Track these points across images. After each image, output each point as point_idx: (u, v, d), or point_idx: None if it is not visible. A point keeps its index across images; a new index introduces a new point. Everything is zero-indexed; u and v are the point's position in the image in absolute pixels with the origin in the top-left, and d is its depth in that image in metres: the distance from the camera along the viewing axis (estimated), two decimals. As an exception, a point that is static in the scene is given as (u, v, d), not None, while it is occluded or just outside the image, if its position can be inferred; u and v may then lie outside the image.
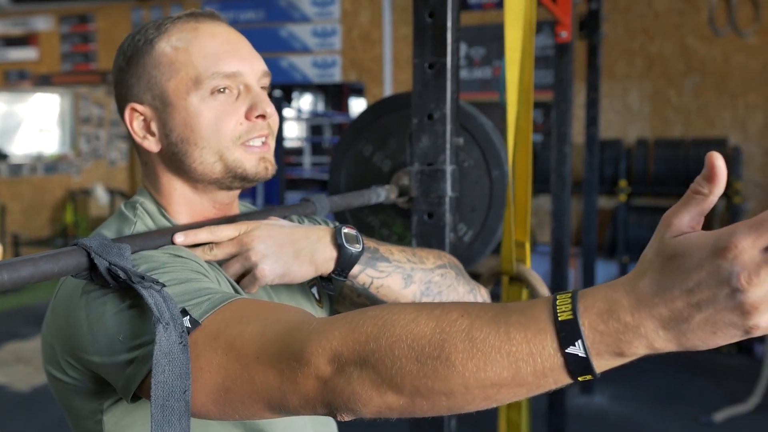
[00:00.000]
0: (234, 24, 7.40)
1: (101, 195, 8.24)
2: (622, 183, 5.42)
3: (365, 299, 1.09)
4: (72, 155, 8.75)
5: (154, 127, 0.95)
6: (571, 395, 4.03)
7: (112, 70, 0.99)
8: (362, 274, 1.00)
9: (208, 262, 0.93)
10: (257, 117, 0.95)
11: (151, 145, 0.96)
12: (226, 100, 0.94)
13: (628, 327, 0.56)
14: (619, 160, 5.49)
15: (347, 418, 0.66)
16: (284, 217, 1.13)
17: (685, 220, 0.57)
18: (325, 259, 0.96)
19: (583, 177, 4.37)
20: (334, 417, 0.66)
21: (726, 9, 4.03)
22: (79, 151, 8.71)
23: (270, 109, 0.96)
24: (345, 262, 0.97)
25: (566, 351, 0.57)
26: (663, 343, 0.56)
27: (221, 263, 0.95)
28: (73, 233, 8.24)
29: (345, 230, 0.99)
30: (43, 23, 8.41)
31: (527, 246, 1.57)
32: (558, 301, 0.59)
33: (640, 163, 5.45)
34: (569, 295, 0.59)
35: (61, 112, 8.91)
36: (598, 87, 4.24)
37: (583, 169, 4.36)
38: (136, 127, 0.96)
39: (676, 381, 4.47)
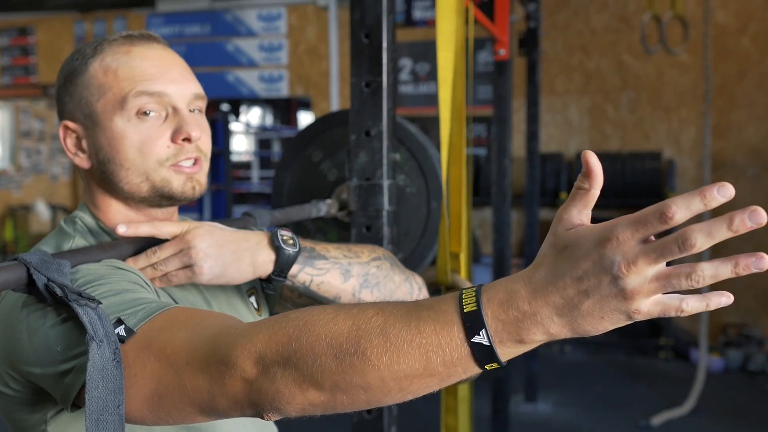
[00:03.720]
0: (179, 38, 7.29)
1: (42, 211, 8.04)
2: (563, 195, 5.56)
3: (306, 299, 1.13)
4: (12, 170, 8.52)
5: (84, 144, 0.99)
6: (515, 402, 4.12)
7: (55, 87, 1.02)
8: (301, 273, 1.04)
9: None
10: (183, 140, 0.97)
11: (82, 162, 1.00)
12: (153, 122, 0.96)
13: (526, 315, 0.60)
14: (560, 172, 5.63)
15: (273, 417, 0.69)
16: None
17: (573, 213, 0.62)
18: (263, 261, 1.00)
19: (525, 189, 4.48)
20: (261, 417, 0.69)
21: (657, 28, 4.21)
22: (20, 165, 8.50)
23: (196, 132, 0.97)
24: (283, 262, 1.01)
25: (472, 341, 0.61)
26: (558, 328, 0.60)
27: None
28: (12, 250, 8.01)
29: (281, 233, 1.02)
30: (-19, 35, 8.21)
31: (462, 257, 1.63)
32: (464, 294, 0.63)
33: (580, 175, 5.60)
34: (474, 289, 0.63)
35: (1, 126, 8.68)
36: (537, 102, 4.36)
37: (525, 181, 4.47)
38: (69, 143, 1.00)
39: (617, 387, 4.61)
